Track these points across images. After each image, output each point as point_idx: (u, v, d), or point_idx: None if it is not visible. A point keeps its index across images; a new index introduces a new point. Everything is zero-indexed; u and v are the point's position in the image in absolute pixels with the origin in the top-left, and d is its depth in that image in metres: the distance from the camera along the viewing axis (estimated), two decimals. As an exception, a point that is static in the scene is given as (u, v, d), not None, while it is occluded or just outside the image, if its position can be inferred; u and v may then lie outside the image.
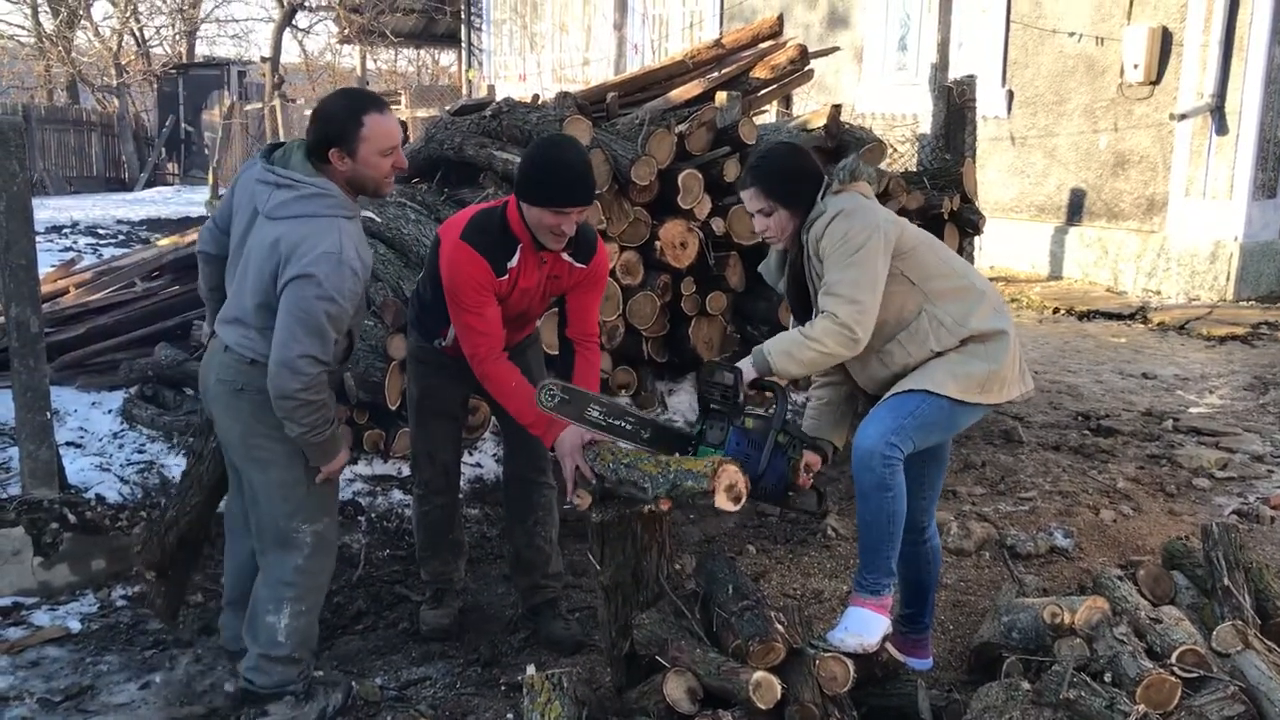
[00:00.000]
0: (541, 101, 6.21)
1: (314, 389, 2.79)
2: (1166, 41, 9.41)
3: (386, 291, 4.62)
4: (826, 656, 2.69)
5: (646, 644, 2.81)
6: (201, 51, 27.09)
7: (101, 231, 12.50)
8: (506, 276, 3.16)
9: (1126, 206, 9.94)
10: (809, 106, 8.49)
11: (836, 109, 6.18)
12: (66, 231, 12.28)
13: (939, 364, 2.93)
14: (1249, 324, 8.40)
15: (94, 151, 20.24)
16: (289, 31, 21.63)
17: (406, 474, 4.62)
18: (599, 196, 4.93)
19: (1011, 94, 10.62)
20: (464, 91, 17.98)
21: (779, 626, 2.70)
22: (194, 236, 7.29)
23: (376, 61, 24.72)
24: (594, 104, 5.82)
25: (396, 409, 4.45)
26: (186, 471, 3.55)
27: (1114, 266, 9.99)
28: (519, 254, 3.16)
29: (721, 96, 5.86)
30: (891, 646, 2.94)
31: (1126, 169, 9.89)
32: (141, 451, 4.80)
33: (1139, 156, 9.77)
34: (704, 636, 2.79)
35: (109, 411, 5.19)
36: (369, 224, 4.88)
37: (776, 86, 6.90)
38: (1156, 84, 9.50)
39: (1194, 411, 6.30)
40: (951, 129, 7.05)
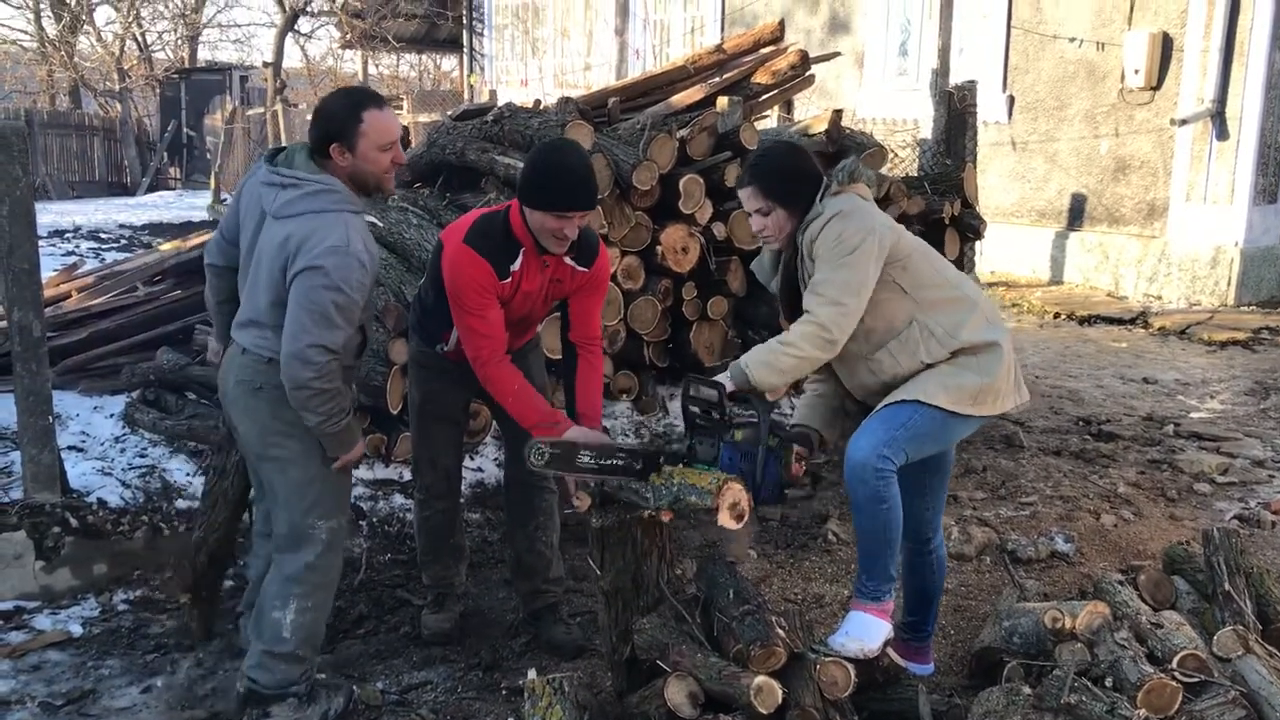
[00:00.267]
0: (543, 106, 6.21)
1: (326, 377, 2.82)
2: (1167, 47, 9.42)
3: (388, 296, 4.62)
4: (827, 661, 2.69)
5: (647, 649, 2.82)
6: (204, 56, 27.16)
7: (104, 236, 12.51)
8: (509, 280, 3.17)
9: (1127, 211, 9.94)
10: (810, 111, 8.51)
11: (838, 114, 6.20)
12: (69, 236, 12.30)
13: (931, 375, 2.90)
14: (1250, 329, 8.40)
15: (96, 156, 20.24)
16: (291, 36, 21.63)
17: (408, 478, 4.62)
18: (601, 201, 4.93)
19: (1012, 99, 10.63)
20: (466, 97, 18.01)
21: (780, 631, 2.70)
22: (196, 241, 7.32)
23: (378, 67, 24.72)
24: (595, 109, 5.83)
25: (398, 414, 4.46)
26: (209, 489, 3.57)
27: (1115, 271, 9.99)
28: (521, 257, 3.17)
29: (723, 101, 5.87)
30: (892, 651, 2.94)
31: (1127, 174, 9.90)
32: (143, 456, 4.79)
33: (1140, 162, 9.78)
34: (705, 641, 2.80)
35: (111, 416, 5.18)
36: (370, 229, 4.87)
37: (778, 92, 6.90)
38: (1157, 89, 9.50)
39: (1195, 416, 6.30)
40: (952, 134, 7.06)
